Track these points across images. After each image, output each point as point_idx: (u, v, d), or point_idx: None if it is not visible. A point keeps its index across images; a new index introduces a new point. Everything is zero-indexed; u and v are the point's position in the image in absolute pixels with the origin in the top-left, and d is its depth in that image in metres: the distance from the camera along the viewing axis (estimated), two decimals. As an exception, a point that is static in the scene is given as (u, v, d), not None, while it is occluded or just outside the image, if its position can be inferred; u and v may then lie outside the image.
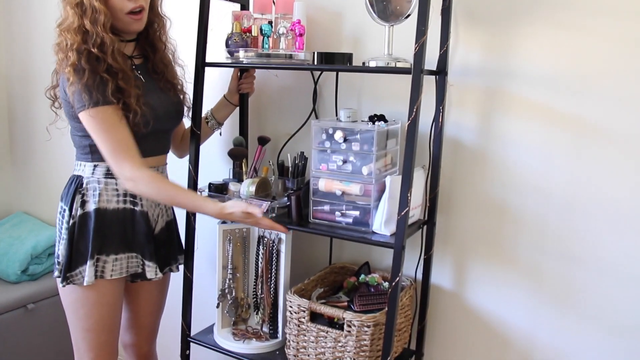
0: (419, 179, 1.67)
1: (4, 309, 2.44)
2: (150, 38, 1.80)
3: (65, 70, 1.60)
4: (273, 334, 1.88)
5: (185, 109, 1.88)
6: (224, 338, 1.89)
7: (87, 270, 1.68)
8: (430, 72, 1.64)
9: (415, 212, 1.67)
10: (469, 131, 1.73)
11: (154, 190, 1.65)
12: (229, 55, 1.79)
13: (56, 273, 1.74)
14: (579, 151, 1.59)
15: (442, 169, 1.74)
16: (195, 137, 1.83)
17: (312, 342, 1.67)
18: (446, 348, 1.87)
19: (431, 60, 1.65)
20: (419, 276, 1.82)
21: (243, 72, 1.92)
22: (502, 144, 1.68)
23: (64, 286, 1.72)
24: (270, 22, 1.77)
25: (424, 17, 1.41)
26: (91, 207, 1.70)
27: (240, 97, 1.97)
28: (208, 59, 1.81)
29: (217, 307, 1.91)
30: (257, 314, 1.93)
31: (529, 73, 1.62)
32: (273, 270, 1.86)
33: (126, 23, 1.67)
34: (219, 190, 1.83)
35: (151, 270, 1.77)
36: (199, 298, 2.03)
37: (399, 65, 1.56)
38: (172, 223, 1.91)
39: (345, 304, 1.73)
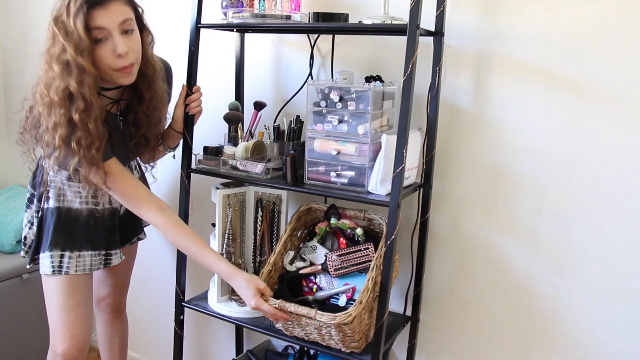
0: (416, 140, 1.66)
1: (-1, 278, 2.44)
2: (139, 88, 1.70)
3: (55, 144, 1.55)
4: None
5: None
6: (220, 303, 1.88)
7: (43, 260, 1.75)
8: (427, 33, 1.62)
9: (412, 173, 1.66)
10: (466, 94, 1.71)
11: (171, 237, 1.68)
12: (224, 17, 1.78)
13: (22, 254, 1.86)
14: (575, 113, 1.58)
15: (438, 132, 1.72)
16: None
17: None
18: (442, 314, 1.86)
19: (429, 23, 1.63)
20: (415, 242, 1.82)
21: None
22: (498, 107, 1.67)
23: (30, 267, 1.84)
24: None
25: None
26: (55, 204, 1.75)
27: (185, 119, 1.81)
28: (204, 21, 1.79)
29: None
30: (260, 275, 1.91)
31: (524, 35, 1.61)
32: (274, 232, 1.86)
33: (115, 78, 1.59)
34: (214, 154, 1.82)
35: (116, 258, 1.86)
36: (195, 265, 2.02)
37: (395, 23, 1.55)
38: None
39: (320, 268, 1.70)
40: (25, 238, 1.86)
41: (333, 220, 1.75)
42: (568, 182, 1.61)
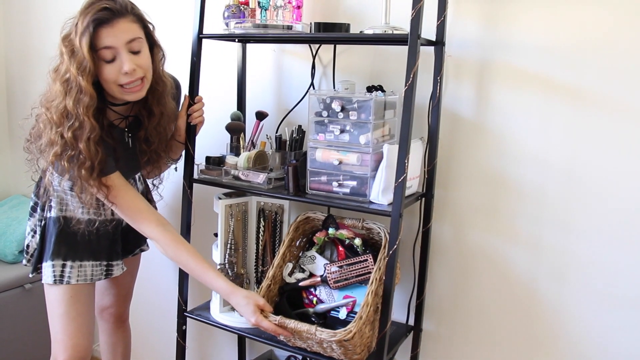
0: (417, 149, 1.66)
1: (1, 288, 2.45)
2: (149, 103, 1.69)
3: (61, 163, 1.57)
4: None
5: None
6: (222, 313, 1.88)
7: (45, 270, 1.75)
8: (428, 43, 1.63)
9: (413, 182, 1.66)
10: (467, 103, 1.72)
11: (171, 254, 1.67)
12: (226, 27, 1.78)
13: (24, 262, 1.88)
14: (576, 121, 1.58)
15: (440, 141, 1.73)
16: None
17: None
18: (444, 323, 1.86)
19: (430, 33, 1.64)
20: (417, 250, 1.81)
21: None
22: (499, 116, 1.67)
23: (32, 276, 1.83)
24: (268, -6, 1.76)
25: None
26: (57, 213, 1.75)
27: (187, 130, 1.81)
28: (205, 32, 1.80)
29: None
30: (259, 289, 1.91)
31: (526, 44, 1.61)
32: (276, 242, 1.86)
33: (121, 94, 1.59)
34: (216, 164, 1.82)
35: (117, 269, 1.86)
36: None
37: (396, 33, 1.55)
38: None
39: (319, 280, 1.70)
40: (27, 246, 1.86)
41: (331, 231, 1.75)
42: (569, 190, 1.61)
